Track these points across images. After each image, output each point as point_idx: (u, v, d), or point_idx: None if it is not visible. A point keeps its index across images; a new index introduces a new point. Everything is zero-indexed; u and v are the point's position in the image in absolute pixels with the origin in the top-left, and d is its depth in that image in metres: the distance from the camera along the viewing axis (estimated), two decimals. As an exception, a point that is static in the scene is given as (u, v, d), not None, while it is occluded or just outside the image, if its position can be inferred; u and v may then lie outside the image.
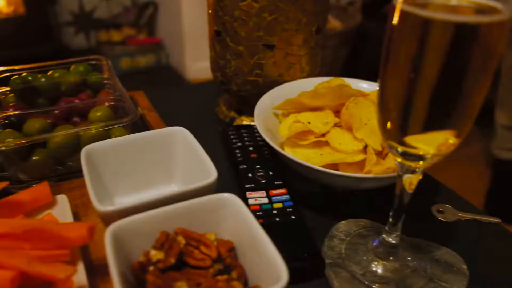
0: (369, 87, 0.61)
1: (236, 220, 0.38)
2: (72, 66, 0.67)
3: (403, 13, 0.32)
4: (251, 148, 0.61)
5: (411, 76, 0.33)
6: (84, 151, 0.45)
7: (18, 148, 0.49)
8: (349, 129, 0.54)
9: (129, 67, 2.46)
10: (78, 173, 0.54)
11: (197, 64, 2.41)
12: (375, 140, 0.51)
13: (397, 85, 0.35)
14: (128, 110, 0.55)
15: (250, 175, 0.55)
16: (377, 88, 0.37)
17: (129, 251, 0.36)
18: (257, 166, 0.57)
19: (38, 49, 2.28)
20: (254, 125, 0.67)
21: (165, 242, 0.35)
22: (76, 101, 0.60)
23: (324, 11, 0.65)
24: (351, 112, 0.52)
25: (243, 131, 0.66)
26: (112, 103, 0.56)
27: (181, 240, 0.37)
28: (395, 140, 0.36)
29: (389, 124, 0.36)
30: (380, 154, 0.52)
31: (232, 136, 0.64)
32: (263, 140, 0.62)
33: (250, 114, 0.72)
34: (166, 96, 0.83)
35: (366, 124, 0.52)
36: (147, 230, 0.36)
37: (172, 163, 0.51)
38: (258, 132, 0.65)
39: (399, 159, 0.38)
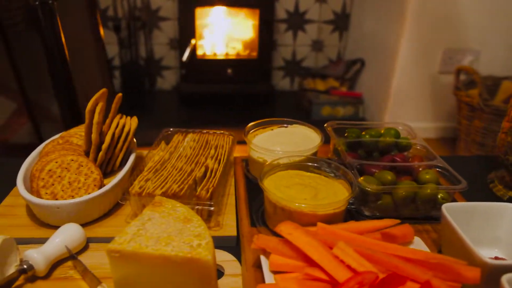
0: None
1: None
2: (383, 129, 0.83)
3: None
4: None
5: None
6: (444, 207, 0.58)
7: (374, 191, 0.65)
8: None
9: (329, 114, 2.68)
10: (408, 220, 0.68)
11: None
12: None
13: None
14: (454, 178, 0.67)
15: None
16: None
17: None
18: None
19: (258, 87, 2.66)
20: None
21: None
22: (398, 159, 0.74)
23: None
24: None
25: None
26: (438, 170, 0.70)
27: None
28: None
29: None
30: None
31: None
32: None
33: (530, 197, 0.79)
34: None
35: None
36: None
37: (497, 231, 0.61)
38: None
39: None
